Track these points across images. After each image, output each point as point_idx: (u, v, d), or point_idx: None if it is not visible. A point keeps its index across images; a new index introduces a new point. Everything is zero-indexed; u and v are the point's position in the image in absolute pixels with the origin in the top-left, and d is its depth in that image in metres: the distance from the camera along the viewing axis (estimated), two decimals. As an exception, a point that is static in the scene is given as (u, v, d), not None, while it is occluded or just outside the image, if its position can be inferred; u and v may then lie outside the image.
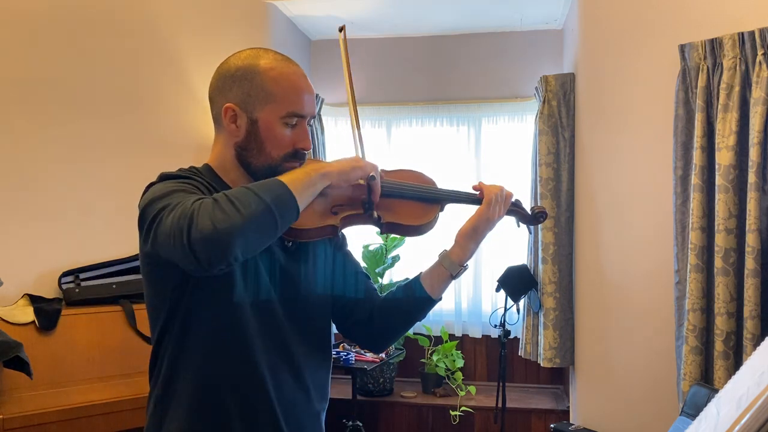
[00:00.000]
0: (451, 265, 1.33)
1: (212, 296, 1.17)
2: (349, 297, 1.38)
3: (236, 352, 1.19)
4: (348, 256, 1.43)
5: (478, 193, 1.35)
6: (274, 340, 1.22)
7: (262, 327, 1.21)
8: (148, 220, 1.09)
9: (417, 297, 1.34)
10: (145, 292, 1.23)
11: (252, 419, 1.20)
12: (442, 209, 1.34)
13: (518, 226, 1.45)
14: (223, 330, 1.18)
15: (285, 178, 1.09)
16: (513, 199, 1.39)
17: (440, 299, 1.37)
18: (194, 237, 0.98)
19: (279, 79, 1.21)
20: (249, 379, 1.20)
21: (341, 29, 1.40)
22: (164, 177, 1.19)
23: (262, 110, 1.20)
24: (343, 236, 1.43)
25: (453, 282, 1.38)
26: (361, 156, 1.33)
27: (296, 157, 1.24)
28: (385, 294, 1.41)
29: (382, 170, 1.36)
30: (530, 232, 1.48)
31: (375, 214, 1.24)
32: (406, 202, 1.31)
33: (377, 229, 1.31)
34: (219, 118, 1.24)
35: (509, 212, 1.39)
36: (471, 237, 1.33)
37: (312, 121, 1.27)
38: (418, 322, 1.41)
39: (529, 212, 1.42)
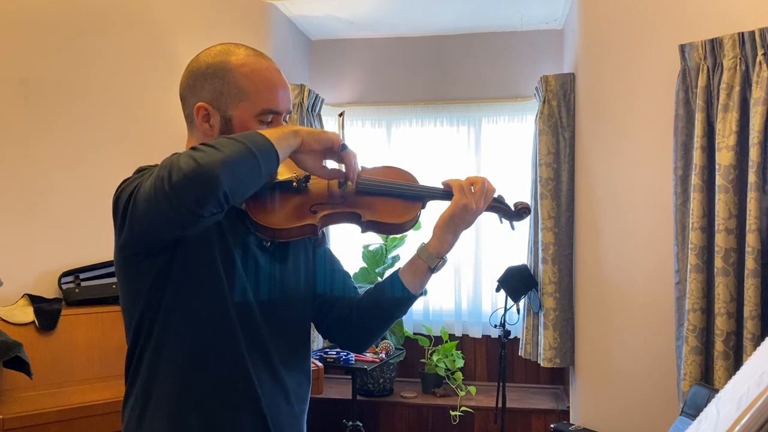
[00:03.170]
0: (429, 258, 1.27)
1: (198, 292, 1.15)
2: (327, 295, 1.35)
3: (223, 350, 1.17)
4: (326, 253, 1.40)
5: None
6: (252, 341, 1.20)
7: (241, 328, 1.19)
8: (124, 200, 1.07)
9: (396, 293, 1.29)
10: (120, 292, 1.21)
11: (238, 417, 1.18)
12: (424, 207, 1.30)
13: (501, 222, 1.40)
14: (207, 328, 1.16)
15: (264, 132, 1.08)
16: (495, 195, 1.34)
17: (420, 295, 1.32)
18: (176, 179, 0.96)
19: (251, 75, 1.17)
20: (236, 376, 1.18)
21: (341, 115, 1.38)
22: (139, 171, 1.17)
23: (236, 108, 1.17)
24: (323, 234, 1.39)
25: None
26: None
27: None
28: (363, 292, 1.37)
29: (363, 167, 1.34)
30: (513, 228, 1.44)
31: (350, 185, 1.21)
32: (388, 200, 1.27)
33: (359, 229, 1.27)
34: (191, 118, 1.20)
35: (491, 208, 1.35)
36: (448, 227, 1.27)
37: (287, 117, 1.24)
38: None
39: (512, 208, 1.38)
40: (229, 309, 1.17)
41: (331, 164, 1.22)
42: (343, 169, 1.20)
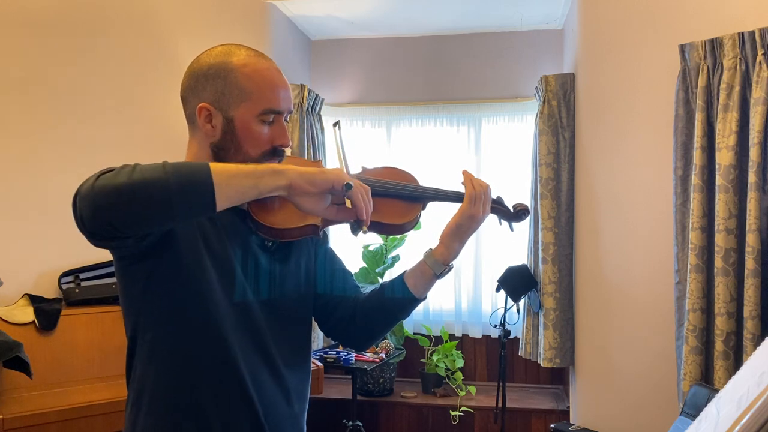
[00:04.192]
0: (435, 264, 1.29)
1: (187, 296, 1.15)
2: (330, 295, 1.36)
3: (214, 352, 1.17)
4: (329, 253, 1.41)
5: (461, 190, 1.32)
6: (253, 341, 1.20)
7: (240, 327, 1.18)
8: None
9: (400, 296, 1.31)
10: (119, 294, 1.22)
11: (231, 419, 1.18)
12: (424, 207, 1.31)
13: (500, 224, 1.42)
14: (198, 331, 1.16)
15: (218, 165, 1.01)
16: (494, 196, 1.36)
17: (424, 299, 1.33)
18: (78, 197, 0.97)
19: (253, 75, 1.17)
20: (228, 379, 1.17)
21: (336, 124, 1.37)
22: None
23: (238, 108, 1.17)
24: (325, 233, 1.40)
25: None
26: None
27: (275, 154, 1.20)
28: (367, 292, 1.38)
29: (364, 168, 1.34)
30: (512, 230, 1.45)
31: (364, 229, 1.12)
32: (388, 201, 1.28)
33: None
34: (193, 118, 1.20)
35: (491, 210, 1.35)
36: (455, 235, 1.29)
37: (288, 116, 1.24)
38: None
39: (511, 209, 1.40)
40: (219, 311, 1.16)
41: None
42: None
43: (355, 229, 1.14)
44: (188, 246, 1.14)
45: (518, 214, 1.40)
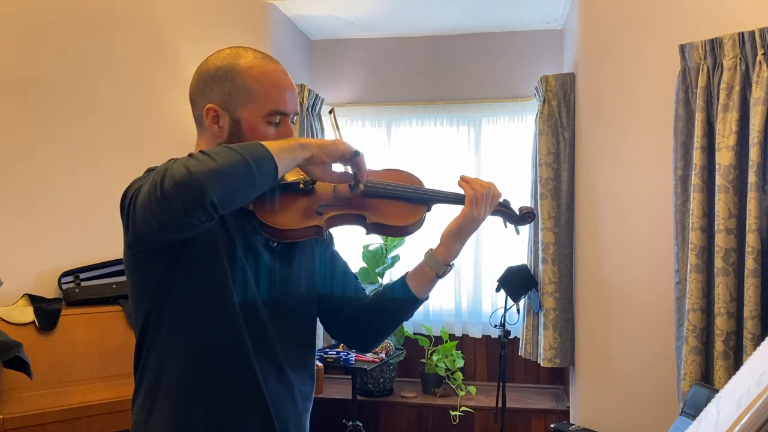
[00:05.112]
0: (436, 265, 1.30)
1: (202, 293, 1.17)
2: (336, 296, 1.38)
3: (227, 349, 1.19)
4: (335, 255, 1.42)
5: (463, 191, 1.32)
6: (259, 340, 1.22)
7: (246, 326, 1.20)
8: (127, 202, 1.10)
9: (402, 297, 1.32)
10: (128, 288, 1.23)
11: (244, 413, 1.20)
12: (429, 209, 1.32)
13: (505, 226, 1.43)
14: (212, 327, 1.18)
15: (267, 143, 1.10)
16: (501, 199, 1.36)
17: (426, 299, 1.35)
18: (167, 186, 0.98)
19: (260, 77, 1.20)
20: (241, 373, 1.19)
21: (331, 111, 1.40)
22: (148, 171, 1.19)
23: (244, 110, 1.19)
24: (330, 235, 1.42)
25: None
26: None
27: None
28: (371, 294, 1.40)
29: (368, 170, 1.36)
30: (517, 233, 1.45)
31: (361, 187, 1.22)
32: (392, 203, 1.29)
33: (363, 230, 1.28)
34: (201, 120, 1.23)
35: (496, 212, 1.37)
36: (456, 236, 1.30)
37: (295, 118, 1.26)
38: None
39: (517, 212, 1.40)
40: (234, 307, 1.18)
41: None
42: (351, 172, 1.21)
43: (354, 188, 1.23)
44: (207, 244, 1.16)
45: (524, 217, 1.41)
